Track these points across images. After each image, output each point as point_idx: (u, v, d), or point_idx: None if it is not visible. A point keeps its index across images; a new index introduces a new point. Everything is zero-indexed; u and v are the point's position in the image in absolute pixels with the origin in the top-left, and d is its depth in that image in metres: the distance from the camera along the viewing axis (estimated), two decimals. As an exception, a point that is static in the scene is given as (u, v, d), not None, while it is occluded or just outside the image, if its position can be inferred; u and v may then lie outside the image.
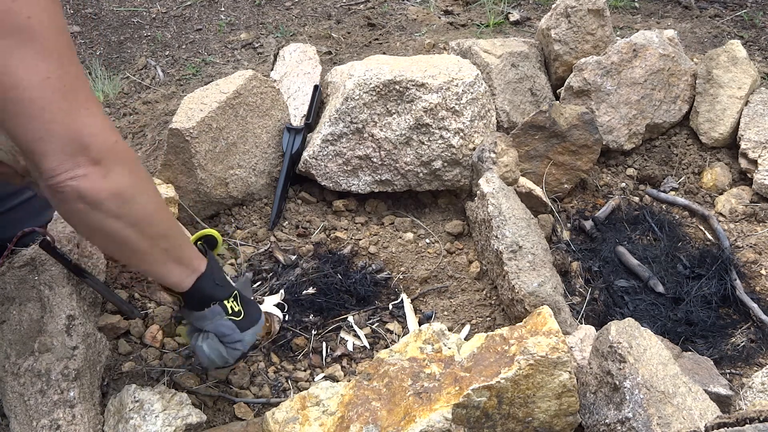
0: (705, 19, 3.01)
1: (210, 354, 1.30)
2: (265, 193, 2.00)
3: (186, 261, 1.23)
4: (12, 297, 1.39)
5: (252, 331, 1.34)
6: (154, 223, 1.13)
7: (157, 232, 1.14)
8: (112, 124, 1.06)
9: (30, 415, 1.28)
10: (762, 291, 1.91)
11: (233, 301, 1.32)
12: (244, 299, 1.35)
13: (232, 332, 1.30)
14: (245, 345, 1.33)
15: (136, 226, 1.09)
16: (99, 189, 1.01)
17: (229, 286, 1.32)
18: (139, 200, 1.08)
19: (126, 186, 1.05)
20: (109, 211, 1.04)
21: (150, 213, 1.11)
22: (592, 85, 2.19)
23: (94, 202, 1.01)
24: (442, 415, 1.24)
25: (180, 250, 1.22)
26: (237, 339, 1.31)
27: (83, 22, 2.85)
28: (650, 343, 1.36)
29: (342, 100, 1.90)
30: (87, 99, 1.02)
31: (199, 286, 1.25)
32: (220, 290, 1.29)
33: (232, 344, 1.31)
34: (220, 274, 1.31)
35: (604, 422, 1.32)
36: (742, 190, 2.18)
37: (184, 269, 1.23)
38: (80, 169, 0.99)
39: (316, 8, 2.97)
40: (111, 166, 1.02)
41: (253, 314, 1.36)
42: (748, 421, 1.09)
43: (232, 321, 1.30)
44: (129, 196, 1.05)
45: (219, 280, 1.29)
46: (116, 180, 1.03)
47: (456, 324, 1.72)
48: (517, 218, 1.72)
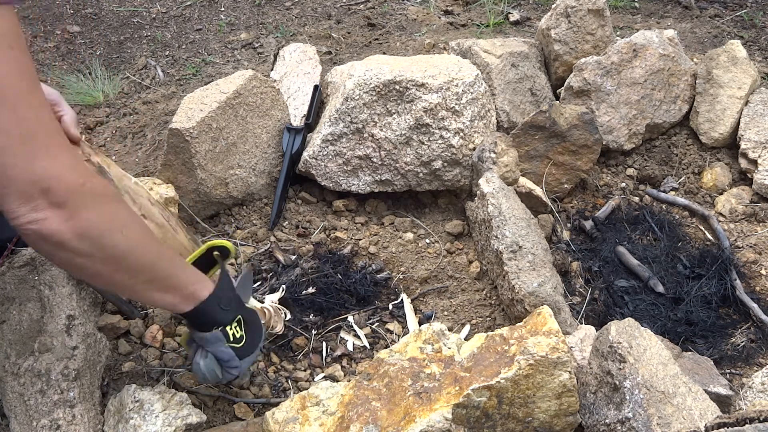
0: (705, 19, 3.01)
1: (206, 373, 1.29)
2: (265, 193, 2.00)
3: (179, 288, 1.20)
4: (12, 297, 1.39)
5: (251, 359, 1.34)
6: (132, 258, 1.10)
7: (137, 266, 1.12)
8: (81, 164, 1.04)
9: (30, 415, 1.28)
10: (762, 291, 1.91)
11: (236, 326, 1.30)
12: (248, 322, 1.33)
13: (230, 359, 1.29)
14: (241, 371, 1.33)
15: (111, 262, 1.07)
16: (61, 231, 0.99)
17: (234, 308, 1.30)
18: (111, 238, 1.05)
19: (93, 225, 1.02)
20: (77, 251, 1.02)
21: (125, 249, 1.08)
22: (592, 85, 2.19)
23: (58, 243, 1.00)
24: (442, 415, 1.24)
25: (168, 279, 1.19)
26: (234, 365, 1.30)
27: (83, 22, 2.85)
28: (650, 343, 1.36)
29: (342, 100, 1.90)
30: (50, 141, 1.00)
31: (202, 310, 1.23)
32: (224, 315, 1.27)
33: (229, 368, 1.31)
34: (229, 295, 1.29)
35: (604, 422, 1.32)
36: (742, 190, 2.18)
37: (175, 296, 1.20)
38: (39, 212, 0.97)
39: (316, 8, 2.97)
40: (76, 208, 1.00)
41: (253, 341, 1.34)
42: (748, 421, 1.09)
43: (233, 348, 1.29)
44: (97, 235, 1.03)
45: (225, 304, 1.27)
46: (82, 221, 1.00)
47: (456, 324, 1.72)
48: (517, 218, 1.72)
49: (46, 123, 1.01)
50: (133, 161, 2.08)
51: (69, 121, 1.29)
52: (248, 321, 1.34)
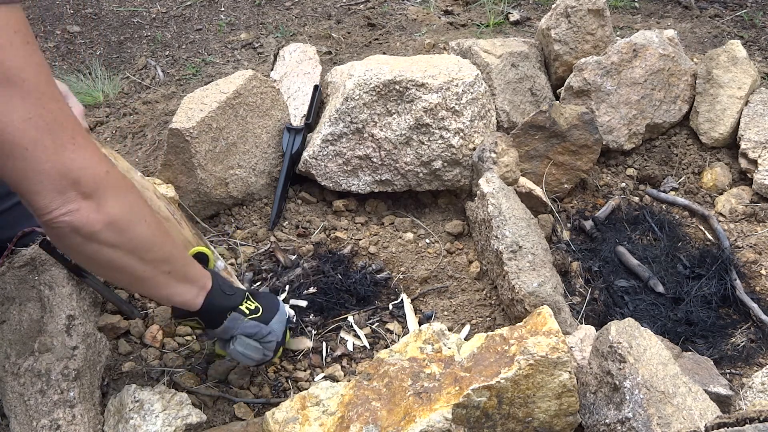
0: (705, 19, 3.01)
1: (245, 352, 1.32)
2: (265, 193, 2.00)
3: (192, 279, 1.24)
4: (12, 297, 1.39)
5: (277, 319, 1.37)
6: (154, 248, 1.13)
7: (158, 257, 1.14)
8: (103, 155, 1.06)
9: (30, 415, 1.28)
10: (762, 291, 1.91)
11: (247, 301, 1.34)
12: (256, 295, 1.37)
13: (258, 329, 1.32)
14: (277, 335, 1.36)
15: (135, 253, 1.09)
16: (93, 221, 1.01)
17: (238, 290, 1.34)
18: (135, 228, 1.08)
19: (120, 215, 1.05)
20: (106, 242, 1.04)
21: (148, 239, 1.11)
22: (592, 85, 2.19)
23: (89, 234, 1.02)
24: (442, 415, 1.24)
25: (184, 269, 1.22)
26: (266, 332, 1.33)
27: (83, 22, 2.85)
28: (650, 343, 1.36)
29: (342, 100, 1.90)
30: (73, 133, 1.01)
31: (211, 301, 1.26)
32: (231, 299, 1.31)
33: (264, 340, 1.34)
34: (226, 284, 1.32)
35: (604, 422, 1.32)
36: (742, 190, 2.18)
37: (191, 288, 1.24)
38: (72, 204, 0.99)
39: (316, 8, 2.97)
40: (103, 198, 1.02)
41: (270, 304, 1.38)
42: (748, 421, 1.09)
43: (254, 319, 1.32)
44: (124, 224, 1.06)
45: (228, 290, 1.31)
46: (110, 210, 1.03)
47: (456, 324, 1.72)
48: (517, 218, 1.72)
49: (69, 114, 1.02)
50: (133, 161, 2.08)
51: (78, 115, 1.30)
52: (256, 295, 1.37)
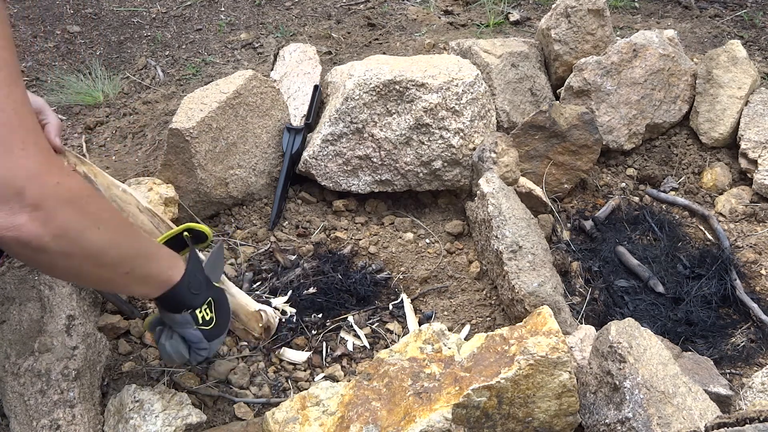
0: (705, 19, 3.01)
1: (172, 354, 1.28)
2: (265, 193, 2.00)
3: (154, 275, 1.19)
4: (12, 297, 1.39)
5: (219, 341, 1.32)
6: (110, 252, 1.08)
7: (116, 260, 1.10)
8: (56, 164, 1.00)
9: (30, 415, 1.28)
10: (762, 291, 1.91)
11: (206, 309, 1.28)
12: (217, 304, 1.32)
13: (198, 341, 1.28)
14: (210, 353, 1.32)
15: (90, 259, 1.05)
16: (40, 235, 0.95)
17: (204, 291, 1.28)
18: (87, 235, 1.02)
19: (71, 226, 0.99)
20: (57, 252, 0.99)
21: (104, 245, 1.06)
22: (592, 85, 2.19)
23: (37, 248, 0.96)
24: (442, 415, 1.24)
25: (146, 268, 1.17)
26: (203, 347, 1.29)
27: (83, 22, 2.85)
28: (650, 343, 1.36)
29: (342, 100, 1.90)
30: (26, 138, 0.95)
31: (172, 294, 1.22)
32: (193, 299, 1.25)
33: (197, 350, 1.29)
34: (198, 279, 1.27)
35: (604, 422, 1.32)
36: (742, 190, 2.18)
37: (151, 285, 1.20)
38: (16, 217, 0.93)
39: (316, 8, 2.97)
40: (52, 209, 0.96)
41: (223, 322, 1.33)
42: (748, 421, 1.09)
43: (201, 331, 1.27)
44: (75, 234, 1.00)
45: (195, 288, 1.25)
46: (58, 222, 0.97)
47: (456, 324, 1.72)
48: (517, 218, 1.72)
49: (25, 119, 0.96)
50: (133, 161, 2.08)
51: (52, 130, 1.27)
52: (218, 302, 1.32)
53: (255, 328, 1.51)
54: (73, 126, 2.29)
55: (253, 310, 1.50)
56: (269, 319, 1.55)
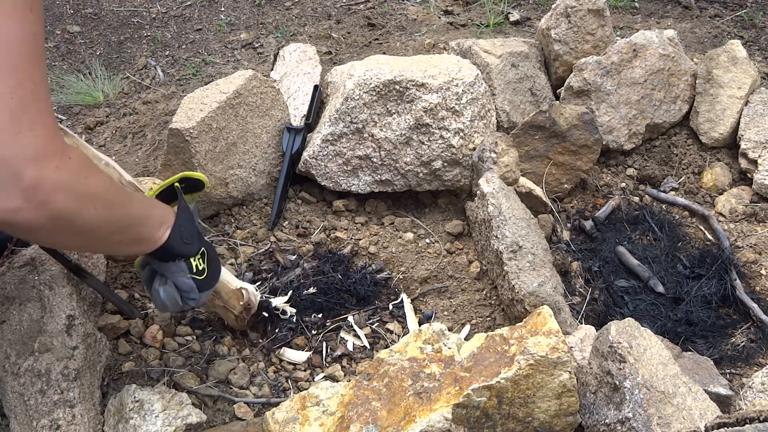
0: (705, 19, 3.01)
1: (166, 300, 1.28)
2: (265, 193, 2.00)
3: (144, 238, 1.20)
4: (12, 297, 1.39)
5: (207, 293, 1.33)
6: (103, 227, 1.08)
7: (108, 233, 1.10)
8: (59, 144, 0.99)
9: (30, 415, 1.28)
10: (762, 291, 1.91)
11: (200, 258, 1.29)
12: (210, 257, 1.32)
13: (191, 290, 1.28)
14: (199, 302, 1.32)
15: (83, 235, 1.06)
16: (34, 220, 0.95)
17: (197, 241, 1.29)
18: (83, 216, 1.02)
19: (66, 209, 0.99)
20: (52, 231, 0.99)
21: (98, 222, 1.06)
22: (592, 85, 2.20)
23: (31, 229, 0.96)
24: (442, 415, 1.24)
25: (137, 233, 1.18)
26: (193, 297, 1.30)
27: (83, 22, 2.85)
28: (650, 343, 1.36)
29: (342, 100, 1.90)
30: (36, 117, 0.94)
31: (165, 247, 1.22)
32: (187, 248, 1.26)
33: (188, 299, 1.30)
34: (190, 229, 1.27)
35: (604, 422, 1.32)
36: (742, 190, 2.18)
37: (142, 246, 1.20)
38: (11, 201, 0.91)
39: (316, 8, 2.97)
40: (47, 194, 0.94)
41: (214, 275, 1.34)
42: (748, 421, 1.09)
43: (194, 280, 1.28)
44: (71, 216, 1.00)
45: (187, 237, 1.25)
46: (53, 206, 0.96)
47: (456, 324, 1.72)
48: (517, 218, 1.72)
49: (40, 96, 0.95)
50: (133, 161, 2.08)
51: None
52: (210, 255, 1.33)
53: (236, 306, 1.51)
54: (73, 126, 2.29)
55: (235, 287, 1.49)
56: (250, 297, 1.54)
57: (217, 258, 1.38)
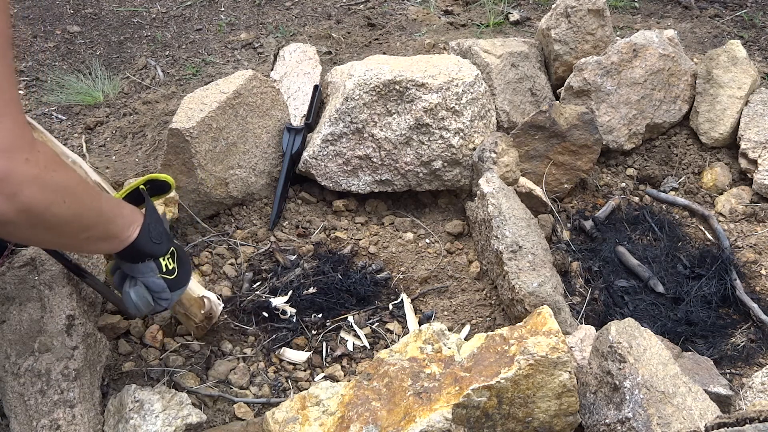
0: (705, 19, 3.01)
1: (137, 302, 1.28)
2: (265, 193, 2.00)
3: (112, 236, 1.19)
4: (12, 297, 1.39)
5: (179, 292, 1.34)
6: (73, 222, 1.08)
7: (77, 229, 1.10)
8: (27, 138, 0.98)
9: (30, 415, 1.28)
10: (762, 291, 1.91)
11: (169, 258, 1.29)
12: (180, 257, 1.33)
13: (161, 290, 1.28)
14: (171, 302, 1.33)
15: (53, 230, 1.05)
16: (4, 211, 0.94)
17: (167, 241, 1.29)
18: (53, 210, 1.02)
19: (36, 202, 0.98)
20: (21, 225, 0.99)
21: (67, 216, 1.06)
22: (592, 85, 2.19)
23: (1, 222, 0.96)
24: (442, 415, 1.24)
25: (105, 231, 1.18)
26: (165, 297, 1.30)
27: (83, 22, 2.85)
28: (650, 343, 1.36)
29: (342, 100, 1.90)
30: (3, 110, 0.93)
31: (134, 246, 1.22)
32: (156, 248, 1.26)
33: (159, 299, 1.30)
34: (159, 229, 1.27)
35: (604, 422, 1.32)
36: (742, 190, 2.18)
37: (110, 243, 1.20)
38: None
39: (316, 8, 2.97)
40: (16, 186, 0.94)
41: (184, 275, 1.34)
42: (748, 421, 1.09)
43: (164, 279, 1.28)
44: (41, 210, 1.00)
45: (156, 237, 1.26)
46: (23, 199, 0.95)
47: (456, 324, 1.72)
48: (517, 218, 1.72)
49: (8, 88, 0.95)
50: (133, 161, 2.08)
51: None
52: (180, 256, 1.33)
53: (197, 314, 1.50)
54: (73, 126, 2.29)
55: (197, 296, 1.48)
56: (212, 306, 1.53)
57: (188, 259, 1.38)
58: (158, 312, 1.37)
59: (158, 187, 1.39)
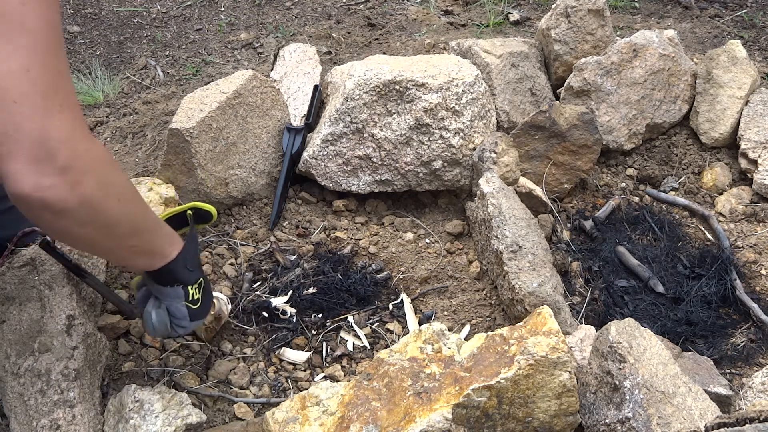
0: (705, 19, 3.01)
1: (157, 325, 1.29)
2: (265, 193, 2.00)
3: (156, 251, 1.22)
4: (12, 297, 1.39)
5: (198, 323, 1.35)
6: (123, 224, 1.10)
7: (126, 232, 1.12)
8: (86, 130, 1.02)
9: (30, 415, 1.28)
10: (762, 291, 1.91)
11: (196, 288, 1.31)
12: (205, 288, 1.34)
13: (182, 317, 1.30)
14: (188, 331, 1.34)
15: (104, 229, 1.07)
16: (65, 200, 0.96)
17: (198, 270, 1.31)
18: (107, 205, 1.04)
19: (94, 194, 1.00)
20: (76, 219, 1.00)
21: (119, 216, 1.08)
22: (592, 85, 2.19)
23: (60, 211, 0.97)
24: (442, 415, 1.24)
25: (150, 243, 1.20)
26: (184, 325, 1.31)
27: (83, 22, 2.85)
28: (650, 343, 1.36)
29: (342, 100, 1.90)
30: (65, 101, 0.96)
31: (168, 269, 1.24)
32: (188, 275, 1.28)
33: (178, 326, 1.31)
34: (194, 257, 1.29)
35: (604, 422, 1.32)
36: (742, 190, 2.18)
37: (151, 259, 1.22)
38: (46, 179, 0.93)
39: (316, 8, 2.97)
40: (79, 175, 0.97)
41: (206, 307, 1.36)
42: (748, 421, 1.09)
43: (188, 308, 1.29)
44: (97, 203, 1.02)
45: (191, 265, 1.28)
46: (84, 189, 0.98)
47: (456, 324, 1.72)
48: (517, 218, 1.72)
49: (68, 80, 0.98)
50: (133, 161, 2.08)
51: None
52: (206, 286, 1.34)
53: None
54: (73, 126, 2.28)
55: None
56: (221, 307, 1.54)
57: (211, 291, 1.39)
58: (172, 338, 1.38)
59: (201, 216, 1.40)
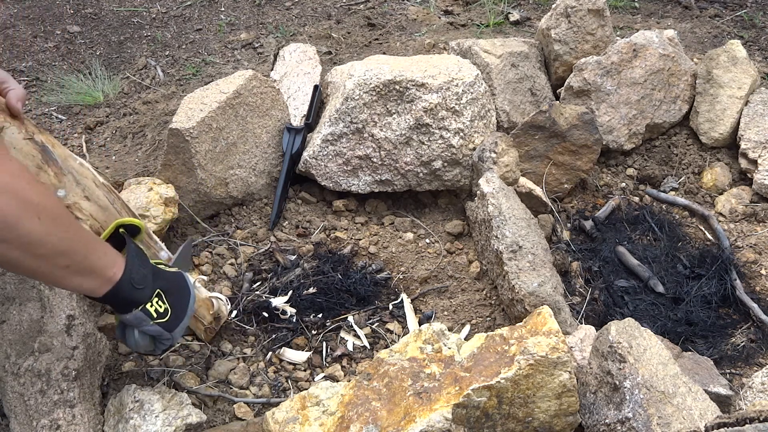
0: (705, 19, 3.01)
1: (140, 342, 1.27)
2: (265, 193, 2.00)
3: (96, 271, 1.17)
4: (12, 297, 1.39)
5: (181, 327, 1.31)
6: (47, 243, 1.06)
7: (52, 252, 1.08)
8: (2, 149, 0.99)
9: (30, 415, 1.28)
10: (762, 291, 1.91)
11: (157, 301, 1.26)
12: (169, 293, 1.29)
13: (159, 334, 1.27)
14: (174, 340, 1.31)
15: (26, 249, 1.04)
16: None
17: (150, 284, 1.25)
18: (25, 224, 1.01)
19: (8, 212, 0.98)
20: None
21: (42, 235, 1.04)
22: (592, 85, 2.19)
23: None
24: (442, 415, 1.24)
25: (86, 262, 1.15)
26: (166, 338, 1.28)
27: (83, 22, 2.85)
28: (650, 343, 1.36)
29: (342, 100, 1.90)
30: None
31: (115, 292, 1.19)
32: (139, 294, 1.23)
33: (160, 342, 1.29)
34: (140, 273, 1.24)
35: (604, 422, 1.32)
36: (742, 190, 2.18)
37: (93, 280, 1.17)
38: None
39: (316, 8, 2.97)
40: None
41: (180, 309, 1.31)
42: (748, 421, 1.09)
43: (159, 324, 1.26)
44: (12, 222, 0.99)
45: (138, 282, 1.22)
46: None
47: (456, 324, 1.72)
48: (517, 218, 1.72)
49: None
50: (133, 161, 2.08)
51: (13, 96, 1.24)
52: (170, 291, 1.29)
53: (205, 315, 1.50)
54: (73, 126, 2.29)
55: (204, 296, 1.48)
56: (220, 307, 1.53)
57: (182, 286, 1.34)
58: (167, 350, 1.36)
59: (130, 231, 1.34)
